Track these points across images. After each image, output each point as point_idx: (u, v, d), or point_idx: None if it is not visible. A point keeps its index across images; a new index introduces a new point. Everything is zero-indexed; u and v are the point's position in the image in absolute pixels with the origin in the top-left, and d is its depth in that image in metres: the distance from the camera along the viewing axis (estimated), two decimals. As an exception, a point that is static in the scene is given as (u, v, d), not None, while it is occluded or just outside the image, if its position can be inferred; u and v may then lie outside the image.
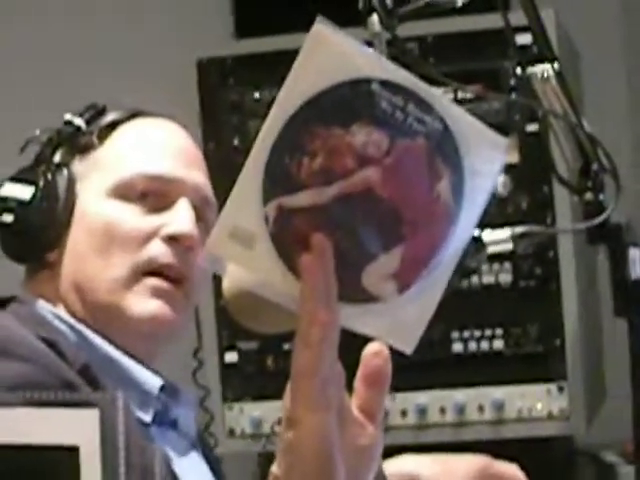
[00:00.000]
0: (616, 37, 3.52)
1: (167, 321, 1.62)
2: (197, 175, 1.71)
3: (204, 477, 1.75)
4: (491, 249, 1.85)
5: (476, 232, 1.83)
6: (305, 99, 0.98)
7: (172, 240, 1.59)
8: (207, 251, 1.03)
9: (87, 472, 0.84)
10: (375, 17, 1.86)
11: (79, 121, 1.67)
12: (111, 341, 1.62)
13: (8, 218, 1.68)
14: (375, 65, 1.00)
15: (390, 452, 1.69)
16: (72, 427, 0.85)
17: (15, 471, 0.86)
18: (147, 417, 1.60)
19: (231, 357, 2.59)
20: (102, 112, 1.70)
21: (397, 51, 1.86)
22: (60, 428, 0.85)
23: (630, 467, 2.30)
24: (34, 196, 1.67)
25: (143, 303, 1.60)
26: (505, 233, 1.85)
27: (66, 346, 1.53)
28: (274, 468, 1.01)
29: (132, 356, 1.62)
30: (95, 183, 1.67)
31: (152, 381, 1.64)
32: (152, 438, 1.59)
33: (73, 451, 0.84)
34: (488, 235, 1.83)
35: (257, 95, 2.48)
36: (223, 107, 2.57)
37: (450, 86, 2.22)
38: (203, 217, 1.67)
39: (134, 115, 1.72)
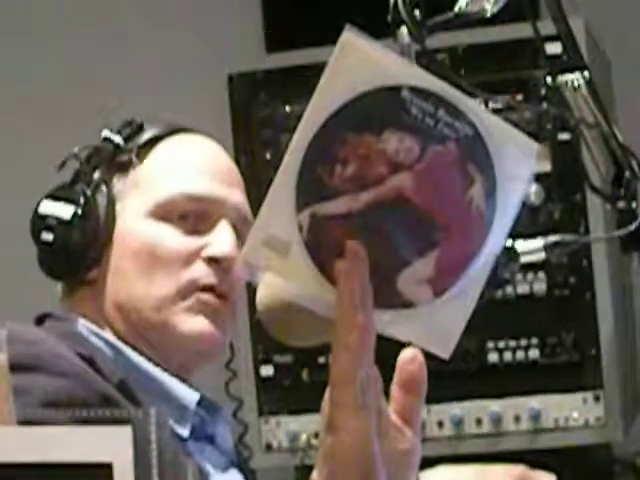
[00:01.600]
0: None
1: (214, 338, 1.65)
2: (237, 195, 1.72)
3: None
4: (524, 259, 1.87)
5: (509, 242, 1.85)
6: (336, 107, 0.99)
7: (213, 261, 1.62)
8: (243, 260, 1.13)
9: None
10: (404, 29, 1.90)
11: (117, 138, 1.68)
12: (149, 357, 1.64)
13: (48, 237, 1.70)
14: (404, 71, 1.01)
15: (427, 463, 1.70)
16: (106, 444, 0.86)
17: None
18: (185, 431, 1.63)
19: (267, 371, 2.60)
20: (140, 129, 1.72)
21: (427, 62, 1.89)
22: (94, 445, 0.86)
23: None
24: (75, 215, 1.69)
25: (191, 320, 1.63)
26: (538, 243, 1.88)
27: (103, 362, 1.55)
28: (314, 475, 1.01)
29: (170, 371, 1.65)
30: (135, 203, 1.69)
31: (190, 396, 1.67)
32: (190, 453, 1.62)
33: (107, 468, 0.85)
34: (521, 245, 1.86)
35: (288, 109, 2.51)
36: (254, 121, 2.57)
37: (481, 97, 2.20)
38: (242, 236, 1.68)
39: (172, 132, 1.72)
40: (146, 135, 1.71)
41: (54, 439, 0.86)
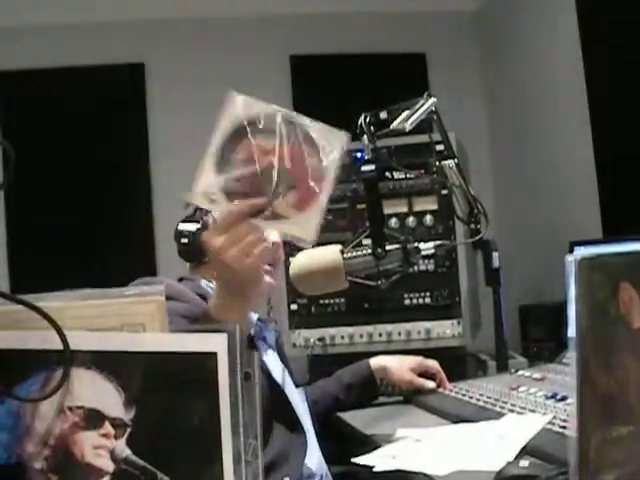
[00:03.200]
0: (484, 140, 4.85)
1: (273, 287, 2.16)
2: None
3: (278, 363, 2.27)
4: (424, 252, 2.44)
5: (416, 244, 2.35)
6: (230, 128, 1.47)
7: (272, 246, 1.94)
8: (194, 203, 1.56)
9: (221, 367, 1.07)
10: (365, 137, 2.52)
11: None
12: None
13: (185, 240, 2.24)
14: (261, 107, 1.49)
15: (370, 355, 2.68)
16: (213, 342, 1.06)
17: (181, 368, 1.08)
18: (251, 332, 2.11)
19: (293, 307, 3.46)
20: None
21: (376, 154, 2.45)
22: (207, 343, 1.06)
23: (493, 361, 3.04)
24: (198, 229, 2.22)
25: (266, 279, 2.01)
26: (430, 245, 2.45)
27: (210, 298, 1.83)
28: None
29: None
30: None
31: (254, 316, 2.20)
32: (254, 345, 1.82)
33: (214, 355, 1.07)
34: (422, 246, 2.43)
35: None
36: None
37: (403, 171, 3.21)
38: None
39: None
40: None
41: (184, 339, 1.08)
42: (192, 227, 2.21)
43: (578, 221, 3.88)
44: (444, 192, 3.31)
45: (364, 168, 2.40)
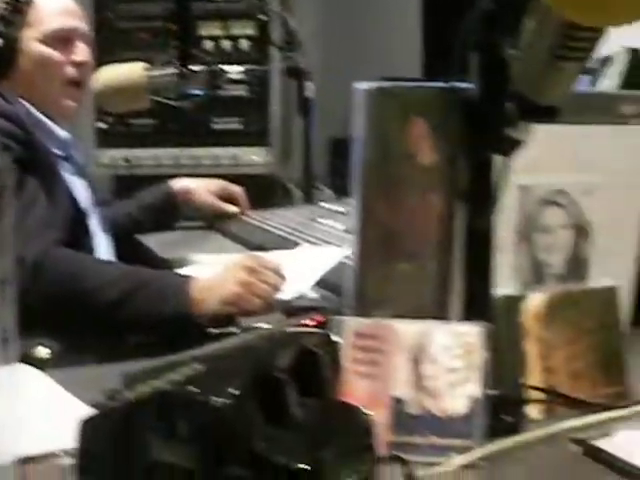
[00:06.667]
0: None
1: (77, 110, 2.31)
2: (84, 24, 2.26)
3: (85, 188, 2.31)
4: (231, 76, 2.94)
5: (222, 67, 2.63)
6: None
7: (79, 64, 2.23)
8: None
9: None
10: None
11: None
12: (48, 116, 2.18)
13: None
14: None
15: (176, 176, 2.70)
16: None
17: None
18: (61, 152, 2.19)
19: (100, 125, 3.54)
20: None
21: None
22: None
23: (300, 192, 3.10)
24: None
25: (67, 102, 2.25)
26: (238, 68, 2.90)
27: (23, 115, 2.06)
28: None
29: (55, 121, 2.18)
30: (31, 34, 2.18)
31: (64, 133, 2.27)
32: (62, 164, 2.14)
33: None
34: (230, 69, 2.86)
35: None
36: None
37: None
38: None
39: None
40: None
41: None
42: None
43: (398, 61, 3.94)
44: (263, 17, 3.39)
45: (175, -17, 2.41)
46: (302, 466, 0.96)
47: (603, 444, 1.23)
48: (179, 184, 2.66)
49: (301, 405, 1.06)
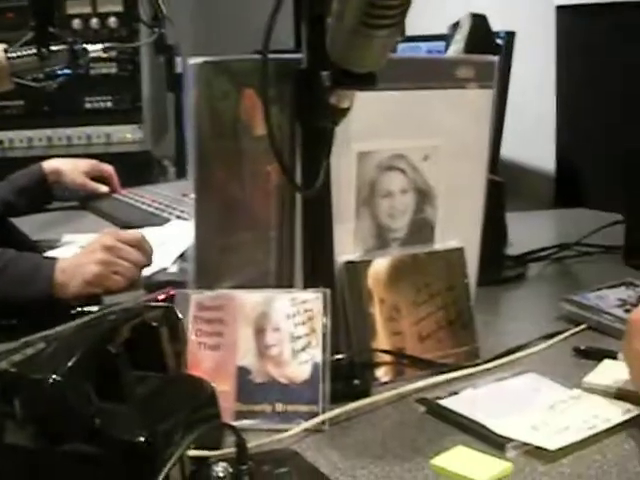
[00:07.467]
0: None
1: None
2: None
3: None
4: (92, 54, 2.39)
5: (84, 45, 2.32)
6: None
7: None
8: None
9: None
10: None
11: None
12: None
13: None
14: None
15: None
16: None
17: None
18: None
19: None
20: None
21: None
22: None
23: (173, 168, 3.30)
24: None
25: None
26: (99, 47, 2.43)
27: None
28: None
29: None
30: None
31: None
32: None
33: None
34: (91, 47, 2.39)
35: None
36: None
37: None
38: None
39: None
40: None
41: None
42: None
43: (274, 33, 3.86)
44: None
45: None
46: (140, 439, 0.96)
47: (448, 402, 1.26)
48: (49, 165, 2.64)
49: (140, 379, 1.07)
